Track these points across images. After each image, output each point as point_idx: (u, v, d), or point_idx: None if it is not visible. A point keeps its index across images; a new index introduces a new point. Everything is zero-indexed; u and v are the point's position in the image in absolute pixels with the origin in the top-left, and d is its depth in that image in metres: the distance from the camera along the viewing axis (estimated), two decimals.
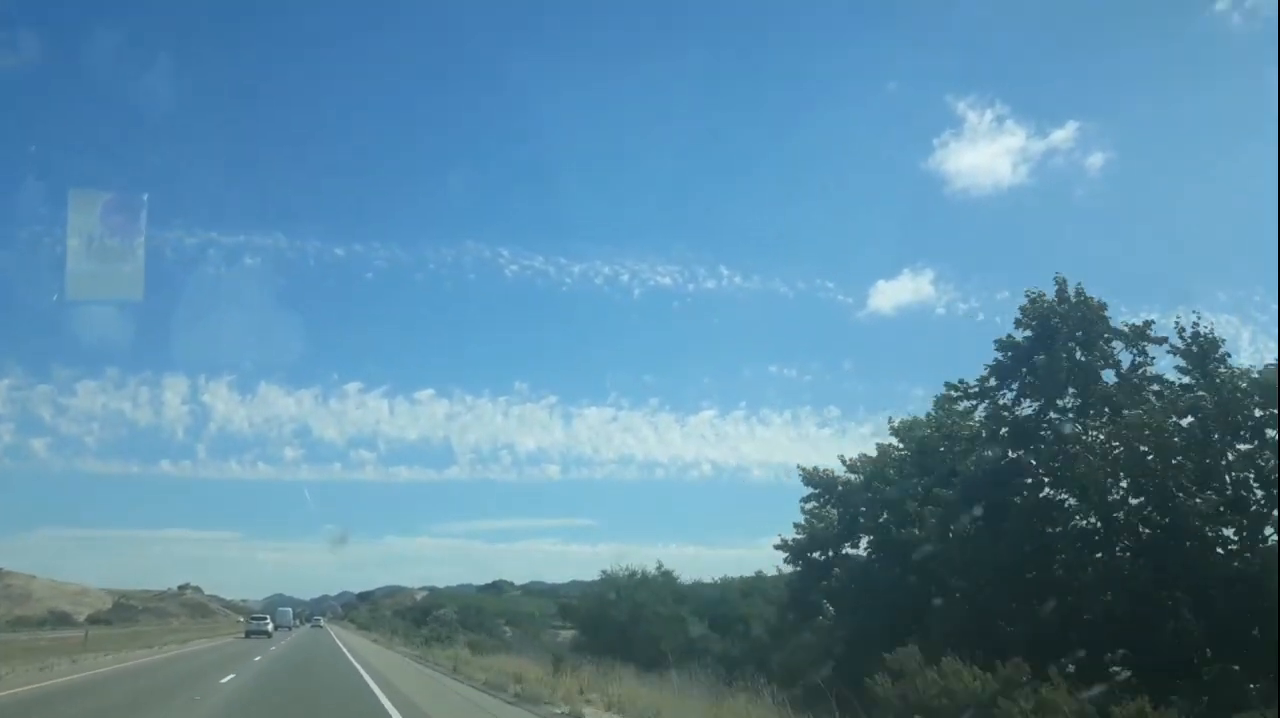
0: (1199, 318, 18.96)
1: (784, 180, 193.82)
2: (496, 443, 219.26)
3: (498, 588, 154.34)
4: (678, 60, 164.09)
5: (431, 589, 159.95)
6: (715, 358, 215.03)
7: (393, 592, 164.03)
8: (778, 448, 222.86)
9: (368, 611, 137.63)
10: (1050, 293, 21.08)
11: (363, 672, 27.72)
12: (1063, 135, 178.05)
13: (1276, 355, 18.67)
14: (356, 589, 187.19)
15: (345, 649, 42.77)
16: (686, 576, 45.89)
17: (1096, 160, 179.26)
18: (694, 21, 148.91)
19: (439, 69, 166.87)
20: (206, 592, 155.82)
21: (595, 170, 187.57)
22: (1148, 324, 20.28)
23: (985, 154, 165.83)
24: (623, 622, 39.91)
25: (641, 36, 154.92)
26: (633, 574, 43.01)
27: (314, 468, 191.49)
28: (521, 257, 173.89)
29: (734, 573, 45.23)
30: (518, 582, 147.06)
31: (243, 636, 64.45)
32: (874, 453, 28.38)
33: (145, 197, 23.11)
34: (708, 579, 47.28)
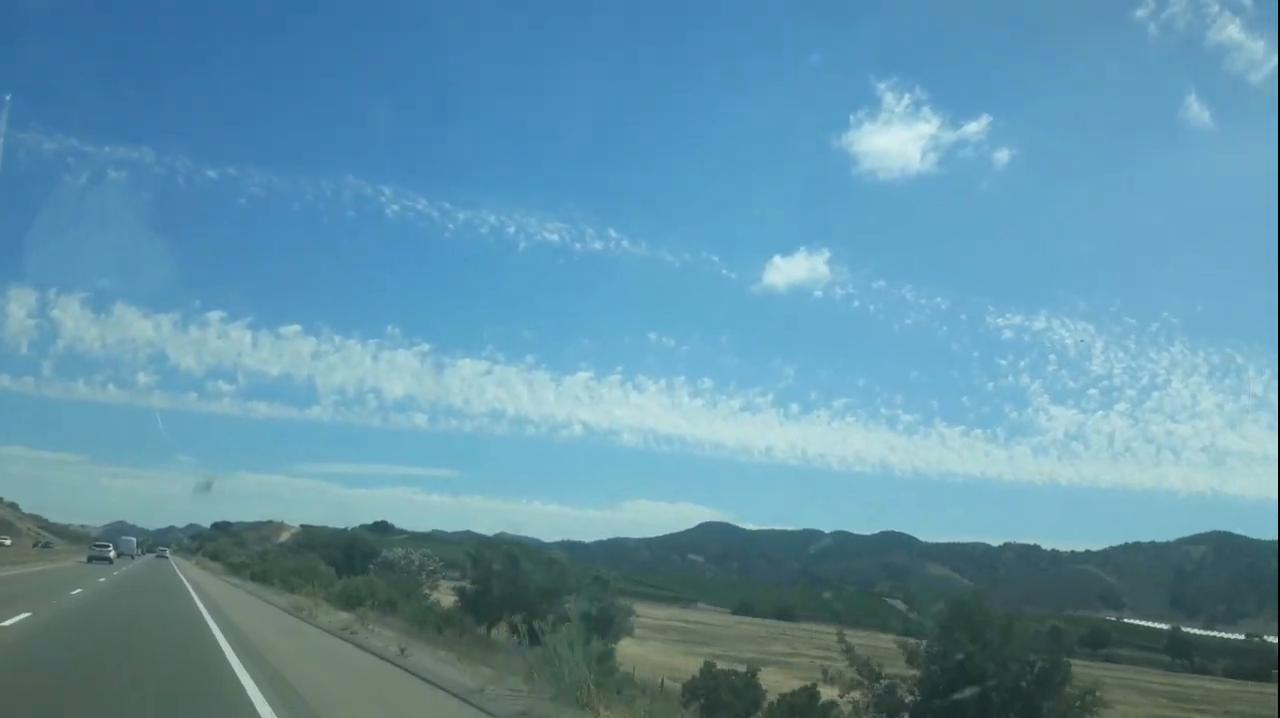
0: None
1: (689, 148, 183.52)
2: (363, 386, 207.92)
3: (382, 529, 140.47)
4: (600, 17, 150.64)
5: (305, 526, 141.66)
6: (596, 320, 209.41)
7: (257, 527, 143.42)
8: (650, 414, 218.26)
9: (231, 543, 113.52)
10: None
11: None
12: (975, 128, 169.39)
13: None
14: (206, 523, 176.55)
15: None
16: (548, 534, 52.83)
17: (1003, 156, 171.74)
18: None
19: None
20: (48, 516, 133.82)
21: (493, 118, 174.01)
22: None
23: (898, 139, 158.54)
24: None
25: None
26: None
27: (168, 395, 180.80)
28: (404, 197, 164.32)
29: (595, 536, 46.90)
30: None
31: (84, 560, 66.75)
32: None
33: (8, 96, 21.31)
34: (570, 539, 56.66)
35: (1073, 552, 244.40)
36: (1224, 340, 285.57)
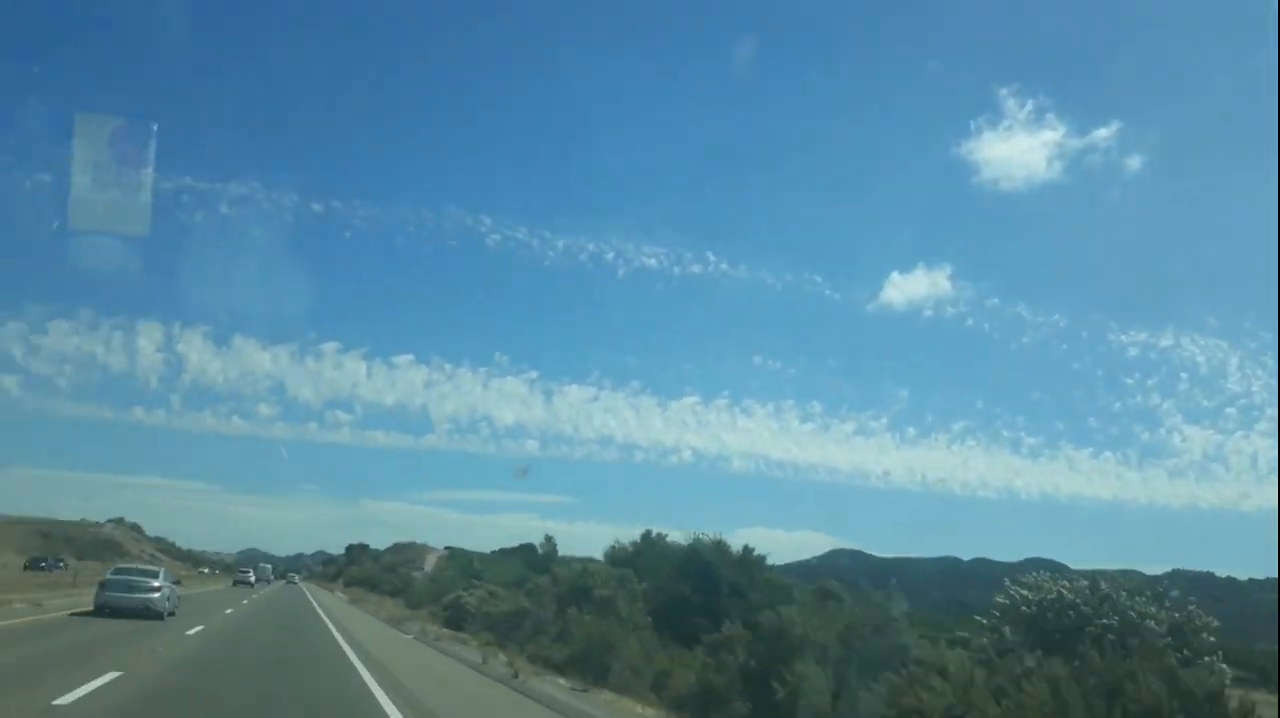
0: None
1: (790, 164, 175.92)
2: (475, 414, 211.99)
3: (529, 552, 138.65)
4: (694, 34, 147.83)
5: (451, 549, 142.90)
6: (699, 344, 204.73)
7: (398, 549, 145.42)
8: (759, 439, 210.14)
9: (379, 568, 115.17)
10: None
11: None
12: (1104, 134, 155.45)
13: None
14: (332, 550, 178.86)
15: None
16: None
17: (1134, 162, 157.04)
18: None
19: (437, 29, 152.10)
20: (181, 544, 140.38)
21: (585, 146, 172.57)
22: None
23: (1020, 146, 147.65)
24: None
25: (659, 18, 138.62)
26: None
27: (289, 426, 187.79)
28: (504, 226, 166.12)
29: None
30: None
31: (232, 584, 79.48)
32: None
33: (155, 126, 21.55)
34: None
35: (1252, 579, 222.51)
36: None
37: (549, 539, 59.54)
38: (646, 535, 36.65)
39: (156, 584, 28.59)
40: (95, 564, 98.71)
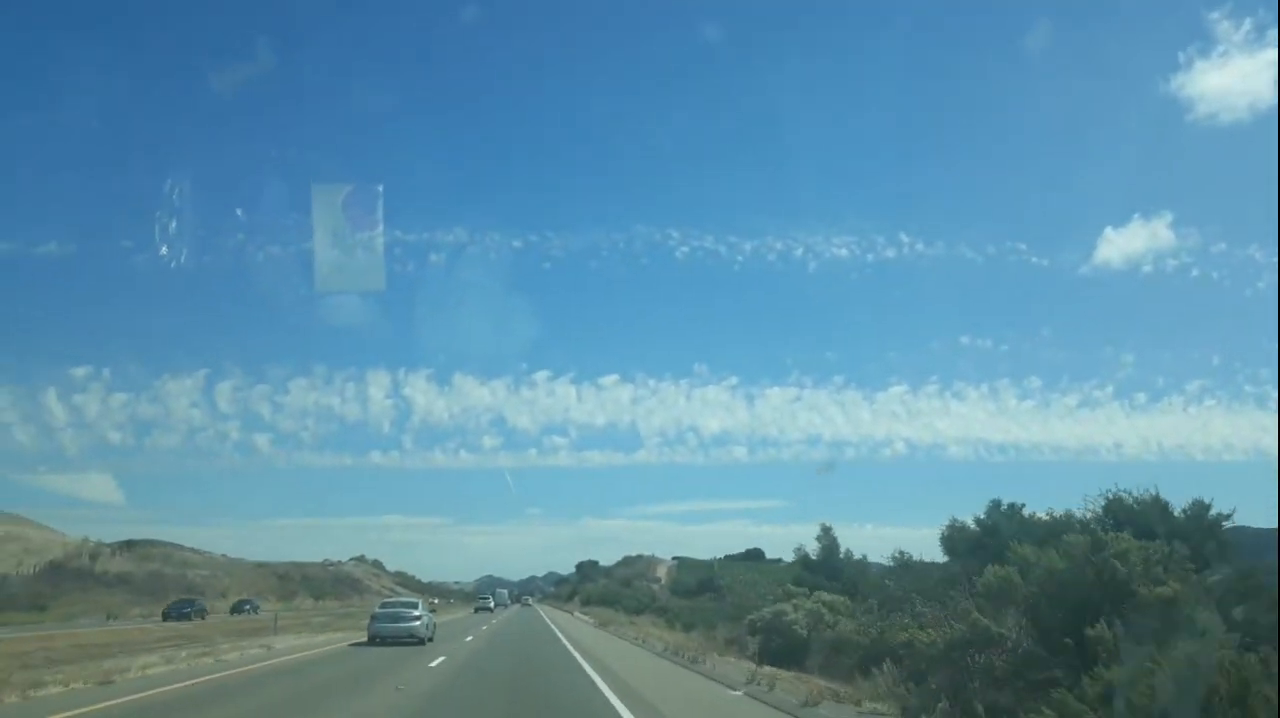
0: None
1: (982, 133, 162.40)
2: (681, 426, 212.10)
3: (757, 557, 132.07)
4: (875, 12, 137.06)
5: (680, 559, 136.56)
6: (901, 331, 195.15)
7: (628, 562, 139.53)
8: (975, 423, 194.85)
9: (616, 585, 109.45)
10: None
11: None
12: None
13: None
14: (561, 570, 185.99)
15: None
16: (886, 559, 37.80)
17: None
18: None
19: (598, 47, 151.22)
20: (421, 577, 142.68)
21: (764, 144, 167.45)
22: None
23: (1239, 72, 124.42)
24: None
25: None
26: None
27: (511, 454, 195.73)
28: (691, 237, 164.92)
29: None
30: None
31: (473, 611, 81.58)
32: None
33: (380, 188, 23.47)
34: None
35: None
36: None
37: (826, 531, 49.09)
38: (995, 508, 26.61)
39: (416, 614, 31.73)
40: (333, 603, 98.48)
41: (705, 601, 71.02)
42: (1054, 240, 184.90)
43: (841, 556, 48.67)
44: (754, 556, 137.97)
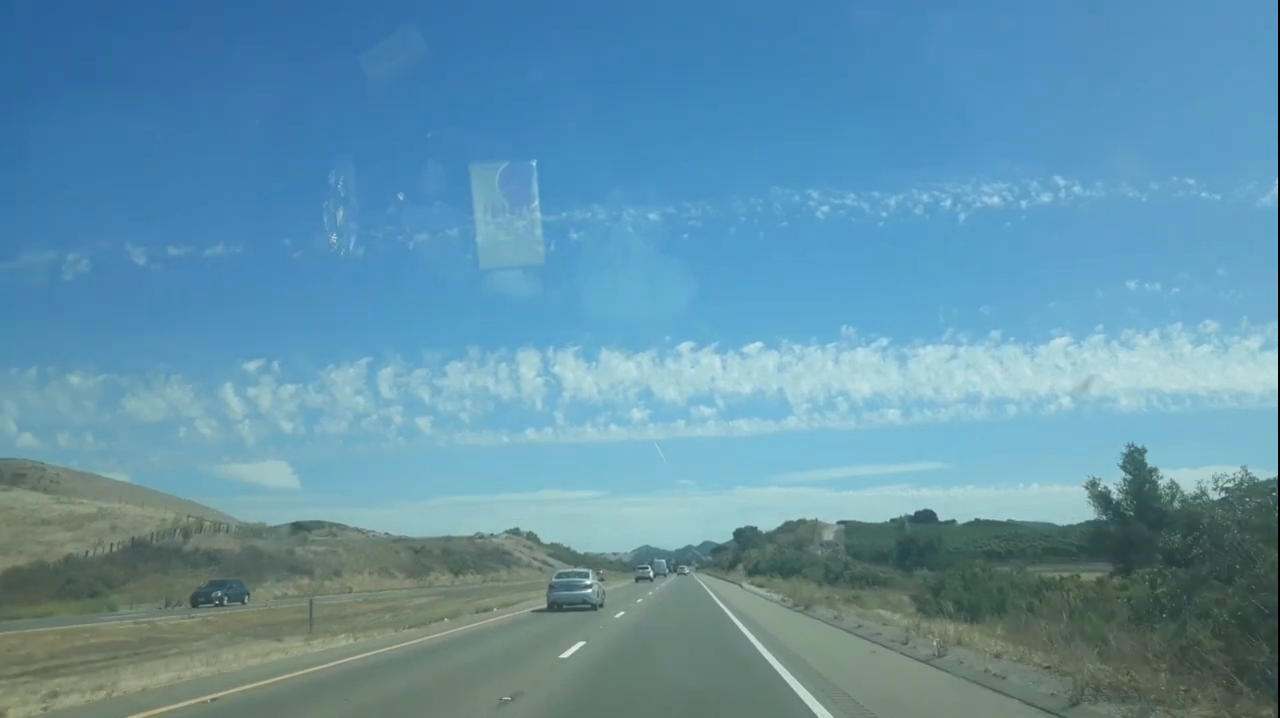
0: None
1: (1146, 58, 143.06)
2: (830, 391, 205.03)
3: (927, 519, 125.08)
4: None
5: (846, 522, 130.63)
6: (1061, 280, 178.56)
7: (790, 527, 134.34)
8: (1146, 373, 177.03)
9: (790, 548, 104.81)
10: None
11: None
12: None
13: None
14: (718, 539, 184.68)
15: None
16: (1061, 518, 28.94)
17: None
18: None
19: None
20: (578, 549, 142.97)
21: (905, 91, 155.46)
22: None
23: None
24: None
25: None
26: None
27: (660, 426, 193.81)
28: (831, 196, 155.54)
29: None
30: None
31: (633, 580, 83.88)
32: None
33: (534, 163, 24.11)
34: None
35: None
36: None
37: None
38: None
39: (588, 583, 34.99)
40: (475, 578, 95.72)
41: (923, 571, 59.55)
42: (1227, 173, 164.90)
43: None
44: (925, 517, 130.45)
